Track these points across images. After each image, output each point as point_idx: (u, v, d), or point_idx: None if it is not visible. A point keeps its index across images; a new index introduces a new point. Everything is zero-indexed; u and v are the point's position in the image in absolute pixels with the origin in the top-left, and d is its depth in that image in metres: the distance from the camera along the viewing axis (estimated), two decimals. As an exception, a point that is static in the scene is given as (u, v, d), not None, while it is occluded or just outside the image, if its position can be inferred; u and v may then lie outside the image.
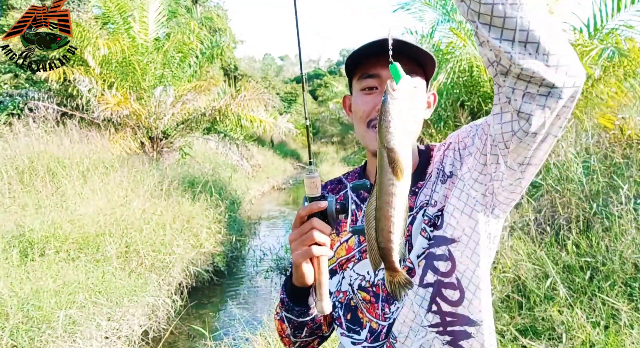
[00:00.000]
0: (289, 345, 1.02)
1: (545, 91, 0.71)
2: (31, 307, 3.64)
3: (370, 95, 0.91)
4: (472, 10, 0.69)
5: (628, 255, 3.27)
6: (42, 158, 6.35)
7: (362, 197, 1.01)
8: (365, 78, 0.91)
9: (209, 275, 5.83)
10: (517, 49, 0.69)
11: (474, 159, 0.87)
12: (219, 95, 9.61)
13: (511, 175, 0.82)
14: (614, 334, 2.65)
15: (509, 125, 0.76)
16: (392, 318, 0.93)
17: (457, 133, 0.97)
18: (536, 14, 0.68)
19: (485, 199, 0.87)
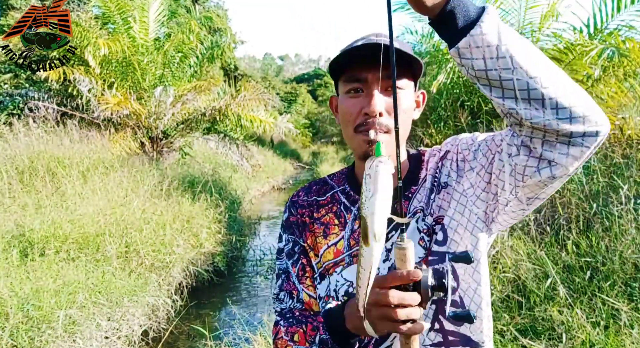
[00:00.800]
0: None
1: (565, 140, 0.70)
2: (31, 307, 3.64)
3: (356, 99, 0.89)
4: (470, 75, 0.70)
5: (628, 255, 3.27)
6: (42, 158, 6.35)
7: (352, 198, 0.98)
8: (350, 81, 0.89)
9: (209, 275, 5.83)
10: (522, 105, 0.68)
11: (477, 175, 0.86)
12: (219, 95, 9.61)
13: (517, 205, 0.82)
14: (614, 334, 2.65)
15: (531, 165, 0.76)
16: None
17: (454, 142, 0.95)
18: (536, 70, 0.67)
19: (486, 216, 0.87)
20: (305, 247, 1.00)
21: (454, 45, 0.68)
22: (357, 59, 0.87)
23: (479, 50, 0.66)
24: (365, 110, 0.86)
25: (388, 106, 0.86)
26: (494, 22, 0.66)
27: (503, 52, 0.66)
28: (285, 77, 44.84)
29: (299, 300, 0.99)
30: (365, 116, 0.86)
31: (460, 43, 0.67)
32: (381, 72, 0.82)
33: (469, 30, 0.66)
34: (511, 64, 0.66)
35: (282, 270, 1.03)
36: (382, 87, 0.86)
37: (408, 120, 0.92)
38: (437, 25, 0.70)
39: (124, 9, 8.30)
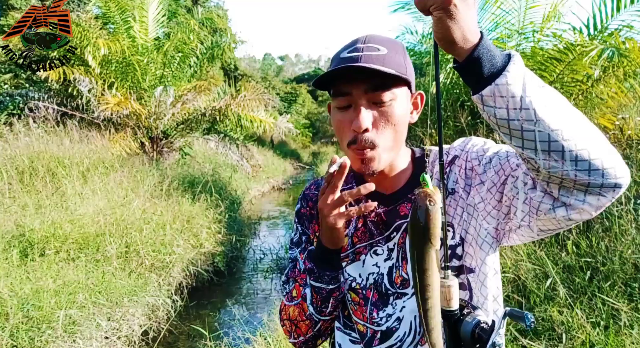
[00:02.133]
0: (306, 332, 0.98)
1: (582, 188, 0.70)
2: (31, 307, 3.64)
3: (344, 113, 0.88)
4: (491, 121, 0.69)
5: (628, 255, 3.27)
6: (42, 158, 6.35)
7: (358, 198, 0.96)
8: (337, 96, 0.88)
9: (209, 275, 5.83)
10: (542, 156, 0.68)
11: (487, 191, 0.85)
12: (219, 95, 9.61)
13: (527, 232, 0.82)
14: (614, 334, 2.65)
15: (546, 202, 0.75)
16: (381, 324, 0.93)
17: (463, 147, 0.94)
18: (559, 123, 0.66)
19: (496, 233, 0.87)
20: (311, 238, 1.04)
21: (478, 92, 0.67)
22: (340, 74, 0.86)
23: (503, 99, 0.65)
24: (353, 126, 0.85)
25: (375, 119, 0.85)
26: (519, 71, 0.65)
27: (527, 103, 0.65)
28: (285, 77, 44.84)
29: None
30: (354, 133, 0.86)
31: (485, 91, 0.66)
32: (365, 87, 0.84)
33: (494, 78, 0.65)
34: (534, 116, 0.65)
35: (292, 259, 1.07)
36: (368, 101, 0.85)
37: (401, 128, 0.90)
38: (462, 69, 0.69)
39: (124, 8, 8.30)
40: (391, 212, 0.94)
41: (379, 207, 0.95)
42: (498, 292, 0.90)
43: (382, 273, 0.94)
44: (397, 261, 0.93)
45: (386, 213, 0.94)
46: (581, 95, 5.19)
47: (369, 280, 0.95)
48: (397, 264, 0.92)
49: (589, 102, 5.20)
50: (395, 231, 0.93)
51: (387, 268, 0.93)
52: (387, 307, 0.92)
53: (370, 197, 0.95)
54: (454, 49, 0.67)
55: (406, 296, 0.91)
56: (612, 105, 5.01)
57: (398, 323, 0.91)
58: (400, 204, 0.94)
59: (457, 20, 0.63)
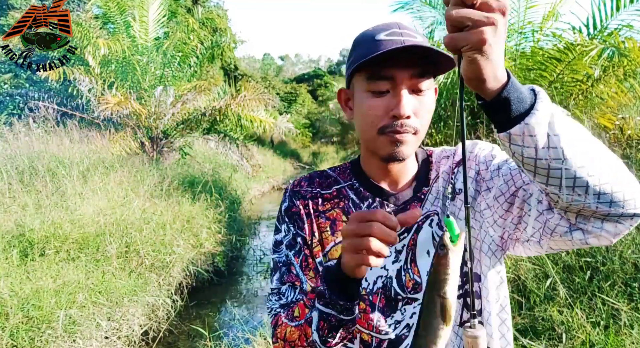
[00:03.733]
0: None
1: (600, 217, 0.69)
2: (31, 307, 3.64)
3: (380, 98, 0.83)
4: (516, 159, 0.68)
5: (628, 255, 3.27)
6: (42, 158, 6.36)
7: (362, 195, 0.94)
8: (376, 79, 0.83)
9: (209, 275, 5.83)
10: (565, 192, 0.67)
11: (495, 200, 0.83)
12: (219, 95, 9.61)
13: (535, 247, 0.81)
14: (614, 334, 2.65)
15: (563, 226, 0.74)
16: (388, 333, 0.86)
17: (471, 151, 0.91)
18: (585, 159, 0.65)
19: (502, 241, 0.85)
20: (307, 239, 0.94)
21: (505, 130, 0.65)
22: (383, 57, 0.81)
23: (532, 139, 0.64)
24: (395, 112, 0.81)
25: (415, 108, 0.83)
26: (547, 110, 0.64)
27: (555, 142, 0.64)
28: (285, 77, 44.84)
29: (302, 291, 0.90)
30: (393, 118, 0.82)
31: (514, 130, 0.64)
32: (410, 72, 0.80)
33: (523, 117, 0.64)
34: (562, 154, 0.64)
35: (282, 263, 0.95)
36: (410, 88, 0.83)
37: (429, 120, 0.88)
38: (490, 107, 0.67)
39: (124, 8, 8.31)
40: (401, 212, 0.86)
41: (388, 206, 0.91)
42: (506, 301, 0.88)
43: (391, 276, 0.88)
44: (406, 264, 0.88)
45: (396, 213, 0.86)
46: (581, 95, 5.19)
47: (376, 285, 0.88)
48: (406, 267, 0.88)
49: (589, 101, 5.20)
50: (405, 232, 0.88)
51: (395, 271, 0.88)
52: (396, 314, 0.87)
53: (378, 195, 0.92)
54: (483, 88, 0.64)
55: (417, 301, 0.86)
56: (612, 105, 5.02)
57: (408, 330, 0.86)
58: (409, 203, 0.90)
59: (490, 59, 0.60)
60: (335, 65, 55.27)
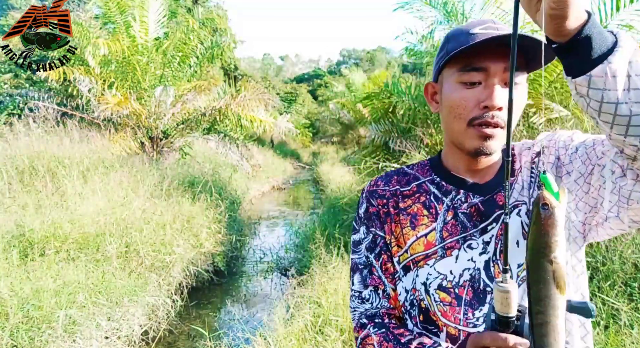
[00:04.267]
0: None
1: None
2: (31, 307, 3.64)
3: (471, 90, 0.82)
4: (592, 108, 0.64)
5: (628, 255, 3.27)
6: (42, 158, 6.35)
7: (444, 189, 0.92)
8: (469, 71, 0.82)
9: (209, 275, 5.83)
10: None
11: (574, 182, 0.80)
12: (219, 95, 9.61)
13: (616, 224, 0.76)
14: (614, 334, 2.65)
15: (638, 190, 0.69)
16: (476, 325, 0.83)
17: (551, 138, 0.89)
18: None
19: (583, 227, 0.82)
20: (387, 240, 0.94)
21: (585, 72, 0.61)
22: (477, 48, 0.80)
23: (614, 80, 0.60)
24: (486, 103, 0.80)
25: (506, 101, 0.80)
26: (630, 47, 0.61)
27: (636, 83, 0.60)
28: (285, 77, 44.85)
29: (385, 295, 0.93)
30: (484, 109, 0.81)
31: (595, 71, 0.60)
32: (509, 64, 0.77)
33: (605, 56, 0.60)
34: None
35: (363, 264, 0.96)
36: (502, 80, 0.81)
37: (519, 116, 0.87)
38: (567, 49, 0.63)
39: (124, 8, 8.30)
40: (488, 202, 0.87)
41: (475, 196, 0.88)
42: (586, 292, 0.85)
43: (479, 268, 0.86)
44: (495, 255, 0.85)
45: (483, 204, 0.87)
46: (581, 95, 5.19)
47: (463, 277, 0.86)
48: (495, 258, 0.85)
49: (589, 102, 5.20)
50: (494, 222, 0.86)
51: (483, 263, 0.86)
52: (484, 306, 0.84)
53: (463, 187, 0.91)
54: (563, 28, 0.60)
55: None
56: (612, 105, 5.02)
57: None
58: (497, 193, 0.88)
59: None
60: (335, 65, 55.28)
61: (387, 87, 7.16)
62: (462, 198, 0.90)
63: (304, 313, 3.60)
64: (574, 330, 0.84)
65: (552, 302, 0.63)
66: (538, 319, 0.64)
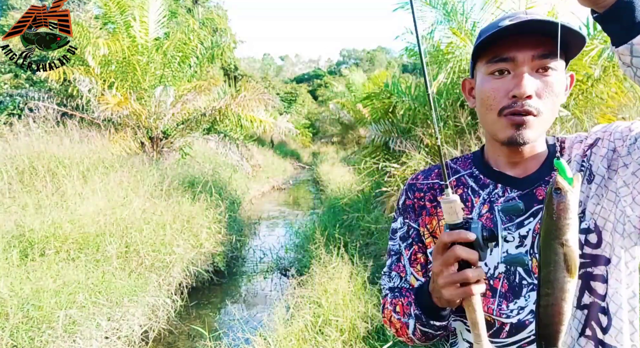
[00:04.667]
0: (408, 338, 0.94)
1: None
2: (31, 307, 3.64)
3: (500, 80, 0.82)
4: (638, 78, 0.64)
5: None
6: (42, 158, 6.35)
7: (482, 182, 0.92)
8: (496, 61, 0.82)
9: (209, 275, 5.83)
10: None
11: (632, 174, 0.77)
12: (219, 95, 9.61)
13: None
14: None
15: None
16: (511, 316, 0.85)
17: (607, 129, 0.87)
18: None
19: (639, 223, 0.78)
20: (420, 232, 0.97)
21: (627, 41, 0.61)
22: (503, 38, 0.80)
23: None
24: (514, 92, 0.80)
25: (538, 88, 0.81)
26: None
27: None
28: (285, 77, 44.87)
29: (405, 281, 0.98)
30: (513, 98, 0.80)
31: (637, 39, 0.60)
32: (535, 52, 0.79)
33: None
34: None
35: (395, 252, 1.01)
36: (532, 68, 0.81)
37: (558, 104, 0.85)
38: (606, 18, 0.62)
39: (124, 8, 8.30)
40: (527, 196, 0.87)
41: (512, 191, 0.88)
42: (633, 294, 0.82)
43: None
44: (532, 248, 0.84)
45: (522, 198, 0.87)
46: (581, 95, 5.19)
47: (498, 269, 0.86)
48: (532, 251, 0.84)
49: (589, 102, 5.20)
50: (532, 217, 0.85)
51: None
52: (519, 299, 0.84)
53: (501, 181, 0.90)
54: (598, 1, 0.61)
55: None
56: (612, 105, 5.02)
57: (532, 316, 0.83)
58: (537, 187, 0.87)
59: None
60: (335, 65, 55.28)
61: (387, 87, 7.17)
62: (499, 192, 0.89)
63: (304, 313, 3.60)
64: (625, 327, 0.82)
65: (560, 284, 0.64)
66: (545, 301, 0.65)
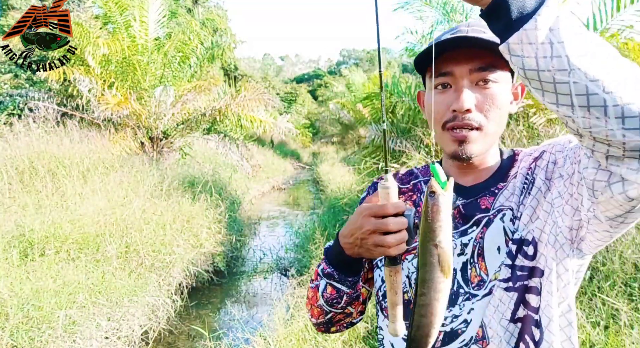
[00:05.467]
0: (318, 316, 0.98)
1: (634, 154, 0.59)
2: (31, 307, 3.64)
3: (443, 94, 0.84)
4: (520, 75, 0.62)
5: (628, 255, 3.27)
6: (42, 158, 6.35)
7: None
8: (438, 76, 0.84)
9: (209, 275, 5.83)
10: (580, 113, 0.58)
11: (563, 184, 0.77)
12: (219, 95, 9.61)
13: (598, 225, 0.72)
14: (614, 334, 2.65)
15: (600, 179, 0.65)
16: (445, 324, 0.85)
17: (551, 142, 0.87)
18: (599, 72, 0.56)
19: (571, 233, 0.78)
20: None
21: (505, 40, 0.60)
22: (442, 53, 0.81)
23: (532, 47, 0.57)
24: (454, 106, 0.82)
25: (478, 101, 0.82)
26: (551, 15, 0.57)
27: (558, 50, 0.56)
28: (285, 77, 44.89)
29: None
30: (453, 113, 0.82)
31: (511, 38, 0.59)
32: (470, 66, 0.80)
33: (522, 23, 0.57)
34: (567, 64, 0.56)
35: None
36: (471, 82, 0.82)
37: (503, 116, 0.85)
38: (488, 16, 0.62)
39: (124, 8, 8.30)
40: (471, 205, 0.88)
41: (458, 198, 0.90)
42: (569, 308, 0.81)
43: (455, 268, 0.86)
44: (472, 258, 0.85)
45: (466, 206, 0.88)
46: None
47: None
48: (472, 261, 0.85)
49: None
50: (474, 225, 0.86)
51: (460, 264, 0.86)
52: (454, 308, 0.85)
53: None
54: None
55: (476, 297, 0.83)
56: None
57: (465, 325, 0.84)
58: (481, 197, 0.88)
59: None
60: (336, 65, 55.28)
61: (387, 87, 7.16)
62: None
63: (304, 313, 3.60)
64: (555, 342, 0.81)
65: (434, 284, 0.67)
66: (421, 300, 0.68)
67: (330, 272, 0.89)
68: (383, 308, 0.95)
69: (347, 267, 0.88)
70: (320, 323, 0.99)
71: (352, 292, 0.92)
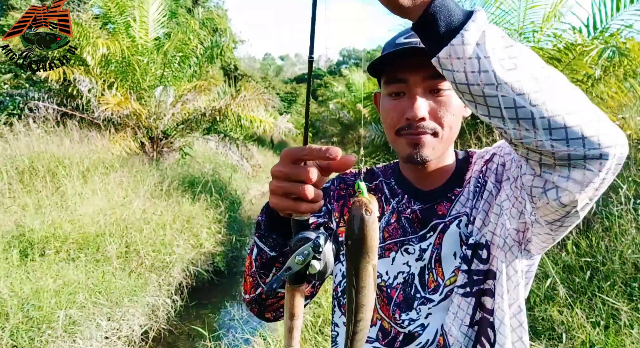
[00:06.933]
0: (250, 289, 0.83)
1: (564, 163, 0.61)
2: (31, 307, 3.64)
3: (397, 101, 0.84)
4: (453, 88, 0.62)
5: (628, 255, 3.27)
6: (42, 158, 6.35)
7: (394, 191, 0.95)
8: (391, 83, 0.85)
9: (209, 275, 5.83)
10: (510, 125, 0.60)
11: (510, 187, 0.79)
12: (219, 95, 9.61)
13: (539, 228, 0.74)
14: (614, 334, 2.65)
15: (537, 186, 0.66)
16: (404, 326, 0.86)
17: (501, 144, 0.89)
18: (525, 85, 0.58)
19: (518, 235, 0.80)
20: (331, 211, 0.98)
21: (435, 54, 0.60)
22: (396, 60, 0.82)
23: (460, 61, 0.58)
24: (408, 114, 0.82)
25: (432, 109, 0.82)
26: (478, 29, 0.58)
27: (485, 65, 0.57)
28: (285, 77, 44.87)
29: None
30: (407, 121, 0.83)
31: (441, 53, 0.59)
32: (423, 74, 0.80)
33: (451, 38, 0.58)
34: (494, 79, 0.57)
35: None
36: (425, 89, 0.82)
37: (457, 120, 0.86)
38: (418, 30, 0.61)
39: (124, 8, 8.30)
40: (428, 210, 0.89)
41: (416, 203, 0.90)
42: (519, 309, 0.82)
43: (413, 273, 0.88)
44: (430, 263, 0.87)
45: (422, 211, 0.89)
46: (581, 95, 5.20)
47: (397, 279, 0.89)
48: (430, 266, 0.87)
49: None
50: (432, 231, 0.88)
51: (418, 269, 0.87)
52: (411, 312, 0.86)
53: (408, 192, 0.92)
54: (401, 7, 0.60)
55: (432, 302, 0.85)
56: (612, 105, 5.01)
57: (422, 329, 0.85)
58: (438, 203, 0.89)
59: None
60: (335, 65, 55.29)
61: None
62: (406, 203, 0.92)
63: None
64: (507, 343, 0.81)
65: (370, 307, 0.62)
66: (359, 326, 0.62)
67: (260, 220, 0.76)
68: (341, 304, 0.94)
69: (275, 223, 0.74)
70: (253, 301, 0.84)
71: (279, 264, 0.77)
